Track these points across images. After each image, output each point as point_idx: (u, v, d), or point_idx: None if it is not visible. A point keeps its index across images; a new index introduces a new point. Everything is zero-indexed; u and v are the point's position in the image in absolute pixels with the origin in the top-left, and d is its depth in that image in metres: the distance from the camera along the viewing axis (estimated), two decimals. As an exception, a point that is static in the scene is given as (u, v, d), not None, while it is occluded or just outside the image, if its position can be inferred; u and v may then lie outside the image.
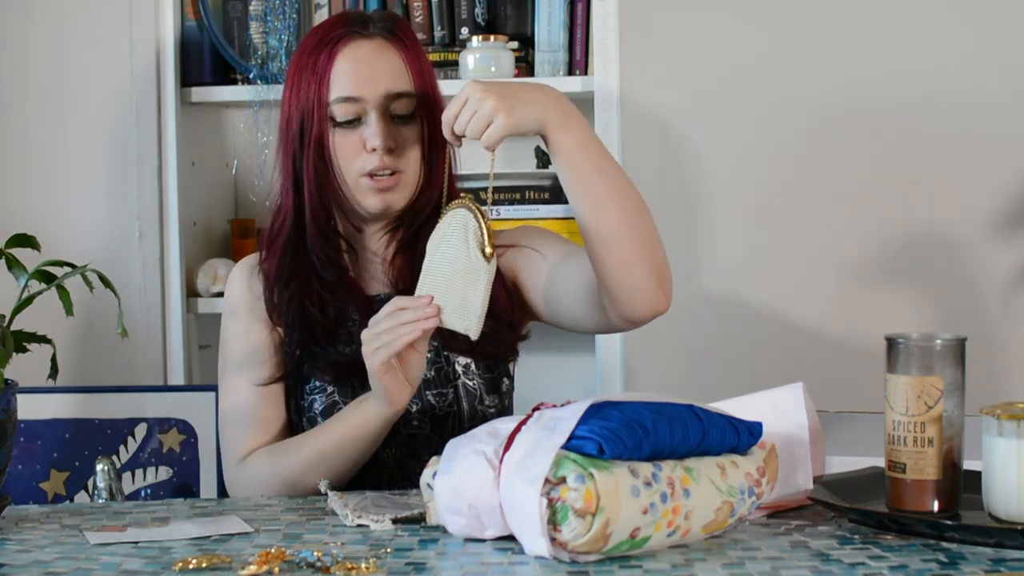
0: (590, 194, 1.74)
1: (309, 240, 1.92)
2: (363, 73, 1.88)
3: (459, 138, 1.72)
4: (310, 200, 1.91)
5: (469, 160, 2.09)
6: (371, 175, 1.88)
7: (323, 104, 1.88)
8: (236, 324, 1.95)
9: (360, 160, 1.88)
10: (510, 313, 1.92)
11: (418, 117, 1.90)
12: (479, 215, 1.73)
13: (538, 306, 1.94)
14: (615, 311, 1.80)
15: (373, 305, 1.92)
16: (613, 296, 1.78)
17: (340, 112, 1.88)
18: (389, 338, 1.69)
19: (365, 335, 1.72)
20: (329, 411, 1.88)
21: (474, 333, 1.70)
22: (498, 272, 1.92)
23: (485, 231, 1.71)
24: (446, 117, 1.72)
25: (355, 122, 1.88)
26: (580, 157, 1.73)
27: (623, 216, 1.74)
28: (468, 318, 1.70)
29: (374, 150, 1.86)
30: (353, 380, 1.88)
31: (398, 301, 1.71)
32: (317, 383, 1.90)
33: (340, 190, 1.90)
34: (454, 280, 1.72)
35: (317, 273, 1.92)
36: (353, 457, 1.82)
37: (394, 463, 1.90)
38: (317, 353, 1.90)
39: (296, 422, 1.92)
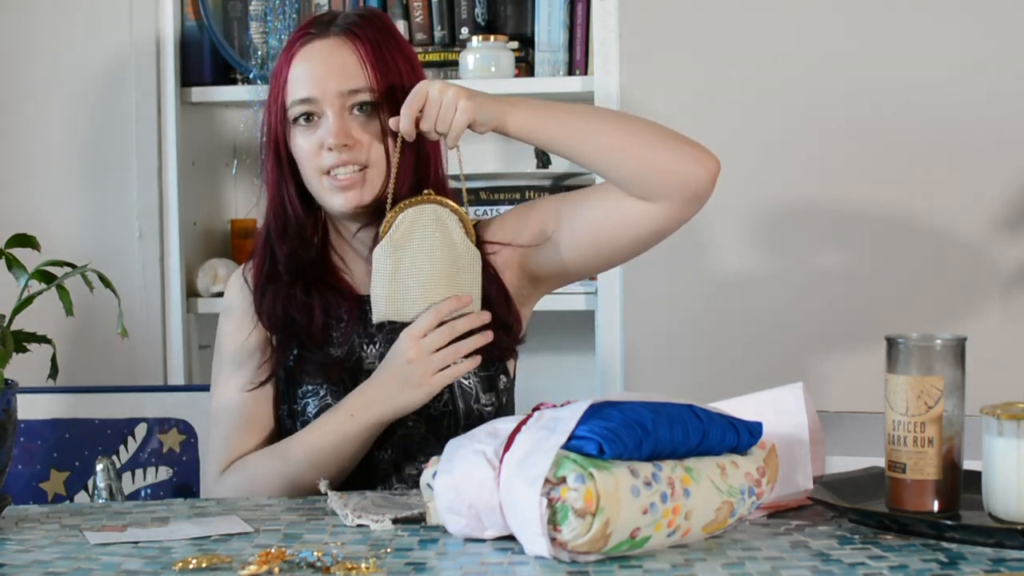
0: (571, 135, 1.83)
1: (273, 242, 1.93)
2: (316, 73, 1.88)
3: (418, 134, 1.81)
4: (271, 203, 1.94)
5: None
6: (332, 174, 1.88)
7: (283, 109, 1.90)
8: (231, 324, 1.96)
9: (319, 158, 1.88)
10: (507, 315, 1.92)
11: (379, 112, 1.88)
12: (454, 208, 1.81)
13: (587, 259, 1.94)
14: (675, 199, 1.84)
15: (365, 304, 1.92)
16: (663, 192, 1.83)
17: (298, 114, 1.89)
18: (452, 357, 1.78)
19: (415, 354, 1.77)
20: (322, 414, 1.88)
21: (478, 309, 1.83)
22: (492, 273, 1.92)
23: (467, 222, 1.83)
24: (407, 111, 1.78)
25: (315, 123, 1.89)
26: (537, 120, 1.82)
27: (610, 131, 1.83)
28: (473, 304, 1.82)
29: (330, 149, 1.87)
30: (345, 381, 1.89)
31: (440, 312, 1.77)
32: (309, 386, 1.90)
33: (295, 192, 1.92)
34: (445, 274, 1.81)
35: (303, 276, 1.93)
36: (340, 450, 1.83)
37: (389, 463, 1.90)
38: (306, 356, 1.90)
39: (290, 427, 1.92)
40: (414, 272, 1.80)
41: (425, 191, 1.84)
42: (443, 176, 1.96)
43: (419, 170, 1.91)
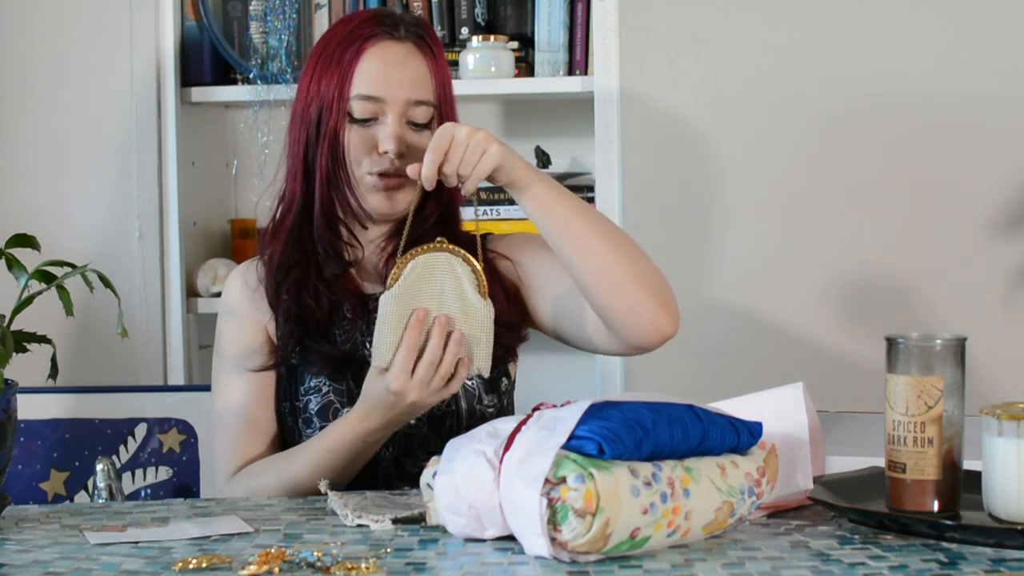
0: (568, 231, 1.77)
1: (316, 232, 1.92)
2: (388, 75, 1.88)
3: (439, 180, 1.74)
4: (320, 192, 1.91)
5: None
6: (379, 174, 1.88)
7: (343, 98, 1.88)
8: (232, 323, 1.96)
9: (369, 160, 1.88)
10: (509, 315, 1.92)
11: (433, 126, 1.89)
12: (466, 257, 1.74)
13: (551, 328, 1.94)
14: (621, 339, 1.81)
15: (368, 303, 1.92)
16: (614, 325, 1.80)
17: (358, 109, 1.88)
18: (448, 371, 1.72)
19: (417, 396, 1.72)
20: (325, 411, 1.88)
21: (487, 371, 1.76)
22: (497, 273, 1.93)
23: (480, 274, 1.75)
24: (432, 156, 1.71)
25: (371, 121, 1.89)
26: (554, 199, 1.78)
27: (607, 246, 1.77)
28: (481, 359, 1.75)
29: (385, 152, 1.87)
30: (347, 376, 1.89)
31: (413, 346, 1.70)
32: (312, 383, 1.90)
33: (346, 186, 1.90)
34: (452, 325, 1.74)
35: (317, 263, 1.92)
36: (351, 465, 1.83)
37: (391, 462, 1.90)
38: (310, 346, 1.90)
39: (291, 424, 1.92)
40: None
41: (438, 239, 1.76)
42: (458, 201, 1.96)
43: (449, 197, 1.93)
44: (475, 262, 1.75)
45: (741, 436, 1.51)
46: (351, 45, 1.90)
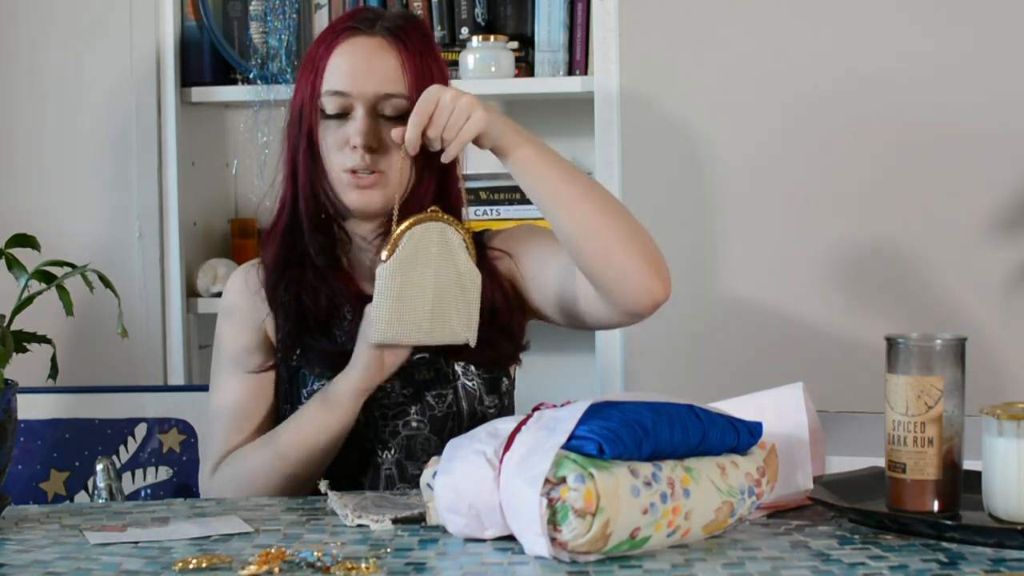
0: (554, 194, 1.78)
1: (305, 229, 1.93)
2: (355, 69, 1.88)
3: (421, 145, 1.77)
4: (303, 190, 1.93)
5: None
6: (352, 172, 1.88)
7: (316, 96, 1.89)
8: (231, 323, 1.96)
9: (342, 155, 1.89)
10: (509, 320, 1.92)
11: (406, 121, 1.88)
12: (458, 226, 1.75)
13: (548, 311, 1.94)
14: (613, 305, 1.81)
15: (367, 303, 1.92)
16: (605, 289, 1.80)
17: (329, 105, 1.89)
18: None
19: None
20: (327, 412, 1.88)
21: (473, 340, 1.79)
22: (496, 278, 1.92)
23: (470, 242, 1.78)
24: (416, 119, 1.74)
25: (343, 117, 1.89)
26: (539, 161, 1.78)
27: (593, 207, 1.78)
28: (470, 328, 1.79)
29: (355, 147, 1.87)
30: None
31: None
32: (315, 386, 1.90)
33: (324, 183, 1.91)
34: (447, 293, 1.77)
35: (312, 263, 1.93)
36: (339, 444, 1.84)
37: (393, 464, 1.90)
38: (310, 345, 1.90)
39: (293, 425, 1.93)
40: (420, 294, 1.76)
41: (431, 208, 1.79)
42: (461, 189, 1.95)
43: (440, 182, 1.91)
44: (465, 230, 1.78)
45: (741, 436, 1.51)
46: (323, 44, 1.92)
